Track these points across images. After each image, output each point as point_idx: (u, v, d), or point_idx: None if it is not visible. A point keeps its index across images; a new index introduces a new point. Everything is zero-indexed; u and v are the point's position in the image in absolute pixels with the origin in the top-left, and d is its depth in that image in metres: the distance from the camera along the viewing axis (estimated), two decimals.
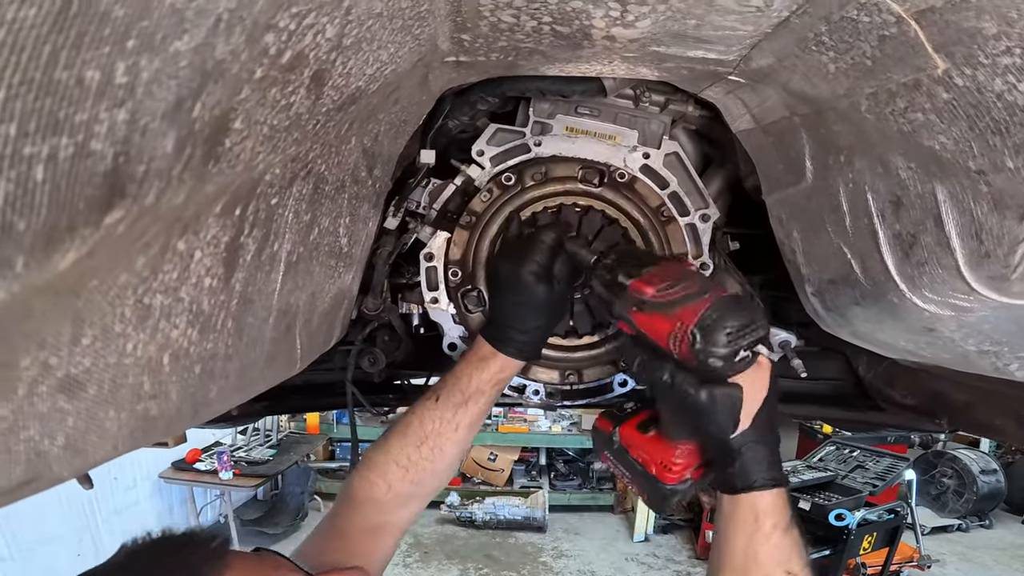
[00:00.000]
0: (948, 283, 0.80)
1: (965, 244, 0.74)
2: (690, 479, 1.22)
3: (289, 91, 0.55)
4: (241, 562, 0.81)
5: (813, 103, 0.94)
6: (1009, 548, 7.34)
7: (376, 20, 0.66)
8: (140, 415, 0.52)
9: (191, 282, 0.54)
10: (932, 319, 0.91)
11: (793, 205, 1.16)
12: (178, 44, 0.33)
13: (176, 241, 0.49)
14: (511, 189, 1.35)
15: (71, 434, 0.43)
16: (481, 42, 0.94)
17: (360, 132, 0.92)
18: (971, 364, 1.00)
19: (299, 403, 1.65)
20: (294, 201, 0.72)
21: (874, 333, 1.09)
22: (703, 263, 1.41)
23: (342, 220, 0.95)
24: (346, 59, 0.64)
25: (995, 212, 0.69)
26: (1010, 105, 0.61)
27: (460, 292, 1.37)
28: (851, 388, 1.61)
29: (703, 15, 0.80)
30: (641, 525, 7.29)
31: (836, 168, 0.98)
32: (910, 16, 0.63)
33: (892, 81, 0.73)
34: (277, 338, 0.82)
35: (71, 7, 0.26)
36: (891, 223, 0.88)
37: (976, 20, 0.58)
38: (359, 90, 0.73)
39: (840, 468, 6.01)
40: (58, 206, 0.29)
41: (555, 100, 1.36)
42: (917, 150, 0.76)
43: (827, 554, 5.28)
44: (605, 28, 0.86)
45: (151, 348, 0.50)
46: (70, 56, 0.27)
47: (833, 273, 1.08)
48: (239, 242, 0.61)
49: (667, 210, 1.37)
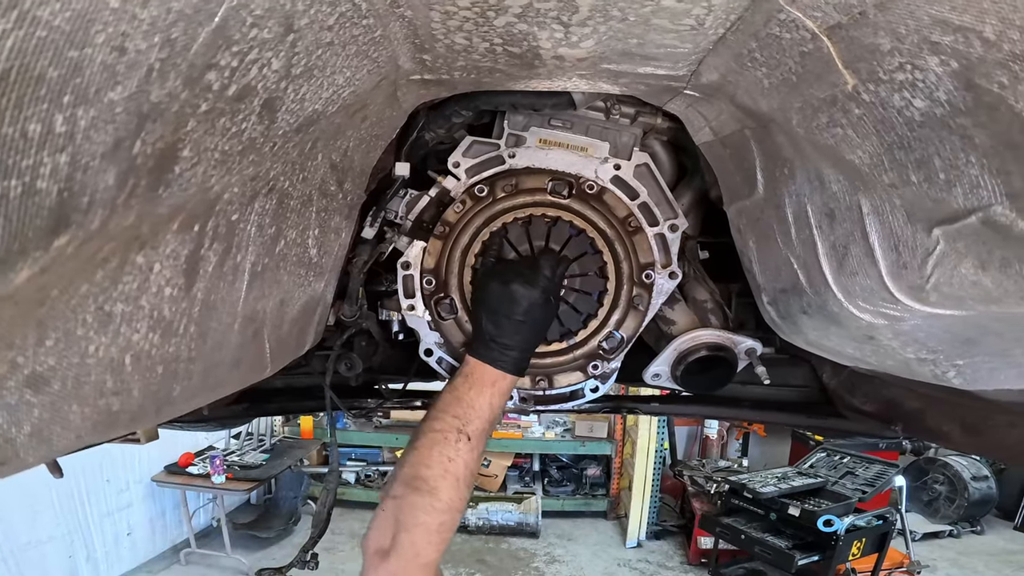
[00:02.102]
0: (876, 293, 0.84)
1: (886, 255, 0.79)
2: None
3: (240, 119, 0.60)
4: None
5: (757, 117, 0.99)
6: (1000, 554, 7.37)
7: (327, 49, 0.71)
8: (103, 409, 0.57)
9: (151, 291, 0.59)
10: (870, 328, 0.96)
11: (749, 216, 1.21)
12: (112, 95, 0.39)
13: (135, 255, 0.54)
14: (483, 200, 1.39)
15: (37, 424, 0.48)
16: (441, 61, 0.99)
17: (327, 149, 0.97)
18: (913, 372, 1.05)
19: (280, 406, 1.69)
20: (256, 216, 0.77)
21: (822, 341, 1.14)
22: (671, 272, 1.44)
23: (311, 232, 1.00)
24: (298, 87, 0.69)
25: (909, 224, 0.74)
26: (909, 120, 0.65)
27: (434, 300, 1.41)
28: (817, 395, 1.66)
29: (643, 34, 0.85)
30: (634, 531, 7.31)
31: (782, 180, 1.03)
32: (822, 32, 0.68)
33: (814, 96, 0.78)
34: (244, 343, 0.87)
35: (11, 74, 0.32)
36: (827, 234, 0.92)
37: (874, 36, 0.62)
38: (317, 112, 0.78)
39: (830, 474, 6.05)
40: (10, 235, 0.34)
41: (528, 113, 1.41)
42: (842, 164, 0.81)
43: (816, 560, 5.32)
44: (552, 48, 0.91)
45: (112, 350, 0.55)
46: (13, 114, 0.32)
47: (784, 283, 1.13)
48: (199, 255, 0.66)
49: (634, 220, 1.41)
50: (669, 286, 1.44)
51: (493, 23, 0.83)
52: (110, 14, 0.37)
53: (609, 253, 1.41)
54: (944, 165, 0.62)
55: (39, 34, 0.33)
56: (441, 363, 1.48)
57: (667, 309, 1.52)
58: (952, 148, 0.61)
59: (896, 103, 0.66)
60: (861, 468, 6.05)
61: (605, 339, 1.46)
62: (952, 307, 0.74)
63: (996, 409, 1.19)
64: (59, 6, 0.34)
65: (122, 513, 5.85)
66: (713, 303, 1.58)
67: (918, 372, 1.04)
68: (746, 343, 1.50)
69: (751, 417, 1.74)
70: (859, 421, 1.56)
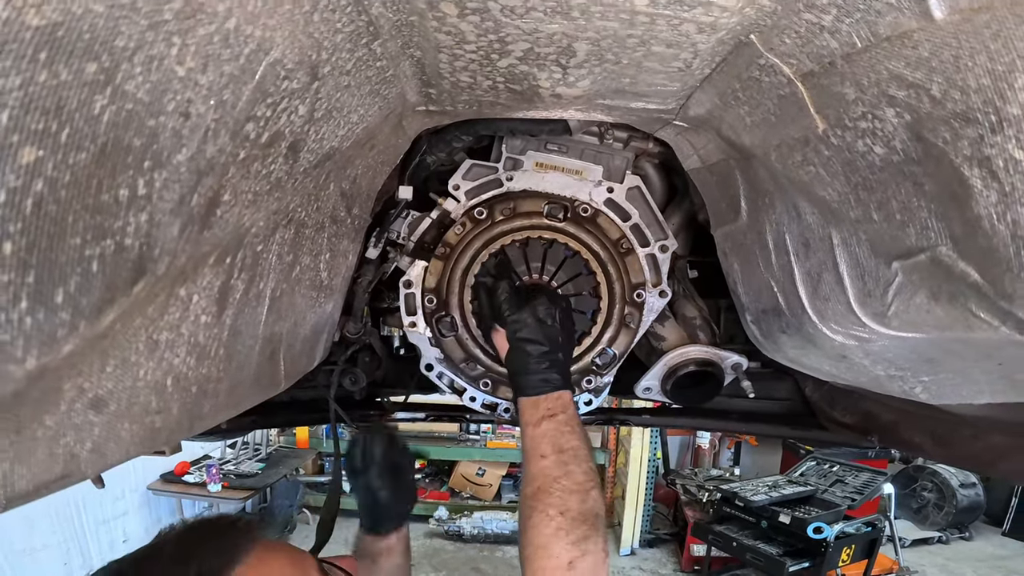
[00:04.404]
0: (846, 317, 0.91)
1: (854, 283, 0.86)
2: None
3: (269, 162, 0.66)
4: (266, 541, 0.91)
5: (741, 150, 1.06)
6: (989, 559, 7.43)
7: (344, 91, 0.78)
8: (148, 427, 0.63)
9: (190, 320, 0.65)
10: (842, 347, 1.02)
11: (734, 240, 1.28)
12: (179, 156, 0.45)
13: (179, 289, 0.60)
14: (482, 223, 1.46)
15: (96, 441, 0.54)
16: (446, 95, 1.05)
17: (338, 179, 1.04)
18: (884, 387, 1.12)
19: (286, 418, 1.75)
20: (277, 246, 0.83)
21: (801, 358, 1.20)
22: (662, 291, 1.51)
23: (322, 256, 1.06)
24: (318, 128, 0.76)
25: (872, 257, 0.81)
26: (871, 164, 0.72)
27: (435, 318, 1.47)
28: (800, 408, 1.72)
29: (635, 75, 0.91)
30: (627, 539, 7.35)
31: (763, 209, 1.10)
32: (797, 78, 0.75)
33: (790, 136, 0.84)
34: (262, 362, 0.93)
35: (107, 146, 0.38)
36: (803, 262, 0.99)
37: (840, 86, 0.69)
38: (333, 148, 0.85)
39: (820, 482, 6.13)
40: (104, 286, 0.40)
41: (526, 138, 1.47)
42: (815, 199, 0.88)
43: (806, 566, 5.38)
44: (551, 88, 0.98)
45: (158, 373, 0.62)
46: (109, 182, 0.38)
47: (765, 304, 1.19)
48: (229, 284, 0.72)
49: (626, 242, 1.48)
50: (659, 304, 1.51)
51: (496, 64, 0.88)
52: (178, 83, 0.43)
53: (602, 274, 1.48)
54: (900, 207, 0.69)
55: (127, 107, 0.39)
56: (442, 377, 1.55)
57: (657, 326, 1.59)
58: (906, 192, 0.67)
59: (860, 148, 0.72)
60: (850, 476, 6.13)
61: (598, 355, 1.52)
62: (912, 331, 0.80)
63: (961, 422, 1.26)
64: (141, 79, 0.40)
65: (118, 521, 5.85)
66: (701, 320, 1.65)
67: (889, 388, 1.11)
68: (732, 358, 1.57)
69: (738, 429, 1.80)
70: (839, 432, 1.62)
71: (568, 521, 1.10)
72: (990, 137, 0.51)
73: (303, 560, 0.95)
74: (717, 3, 0.63)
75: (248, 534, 0.90)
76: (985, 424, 1.24)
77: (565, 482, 1.15)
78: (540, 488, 1.15)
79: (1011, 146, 0.50)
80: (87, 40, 0.33)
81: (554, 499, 1.12)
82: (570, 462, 1.18)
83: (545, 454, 1.19)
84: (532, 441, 1.22)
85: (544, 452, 1.19)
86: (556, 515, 1.11)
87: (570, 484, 1.15)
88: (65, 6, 0.31)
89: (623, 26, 0.71)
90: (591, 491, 1.15)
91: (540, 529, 1.10)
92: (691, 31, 0.71)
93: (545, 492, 1.14)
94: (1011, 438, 1.24)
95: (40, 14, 0.30)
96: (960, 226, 0.59)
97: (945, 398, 1.04)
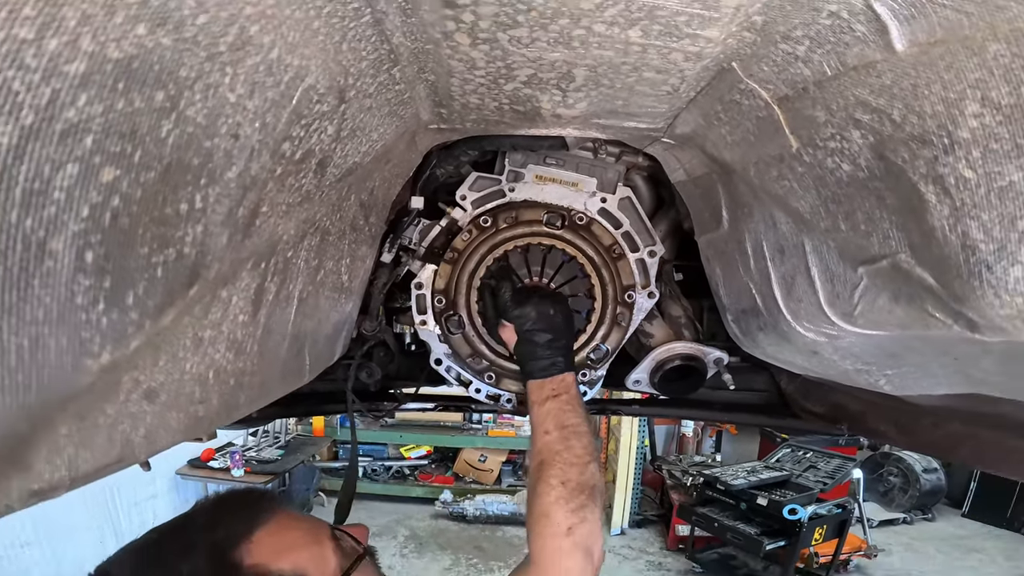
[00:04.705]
0: (817, 316, 0.93)
1: (824, 286, 0.88)
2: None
3: (300, 176, 0.68)
4: (286, 511, 0.95)
5: (722, 165, 1.07)
6: (950, 539, 7.46)
7: (366, 113, 0.80)
8: (192, 415, 0.65)
9: (229, 319, 0.67)
10: (814, 344, 1.04)
11: (716, 247, 1.30)
12: (229, 174, 0.47)
13: (221, 291, 0.62)
14: (487, 230, 1.48)
15: (148, 428, 0.56)
16: (456, 115, 1.07)
17: (358, 190, 1.05)
18: (852, 380, 1.14)
19: (306, 408, 1.76)
20: (305, 252, 0.85)
21: (777, 354, 1.22)
22: (650, 292, 1.53)
23: (344, 261, 1.08)
24: (344, 146, 0.78)
25: (841, 262, 0.82)
26: (839, 180, 0.74)
27: (444, 317, 1.49)
28: (776, 399, 1.74)
29: (627, 97, 0.93)
30: (617, 520, 7.36)
31: (743, 219, 1.11)
32: (774, 101, 0.76)
33: (767, 154, 0.86)
34: (290, 357, 0.95)
35: (169, 168, 0.40)
36: (779, 266, 1.01)
37: (812, 109, 0.70)
38: (355, 163, 0.87)
39: (795, 468, 6.14)
40: (167, 291, 0.42)
41: (527, 152, 1.49)
42: (790, 210, 0.90)
43: (782, 544, 5.40)
44: (551, 109, 1.00)
45: (201, 367, 0.63)
46: (173, 197, 0.40)
47: (744, 305, 1.21)
48: (264, 287, 0.74)
49: (618, 248, 1.50)
50: (648, 304, 1.53)
51: (503, 87, 0.90)
52: (230, 108, 0.45)
53: (596, 277, 1.50)
54: (865, 218, 0.71)
55: (188, 130, 0.41)
56: (449, 371, 1.56)
57: (646, 324, 1.61)
58: (870, 205, 0.69)
59: (829, 165, 0.74)
60: (822, 462, 6.15)
61: (592, 351, 1.54)
62: (876, 329, 0.82)
63: (923, 412, 1.28)
64: (199, 105, 0.42)
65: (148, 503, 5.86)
66: (686, 318, 1.67)
67: (856, 380, 1.13)
68: (714, 354, 1.59)
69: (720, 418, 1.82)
70: (811, 421, 1.64)
71: (568, 491, 1.13)
72: (943, 157, 0.53)
73: (317, 527, 0.98)
74: (703, 35, 0.65)
75: (270, 504, 0.94)
76: (944, 413, 1.26)
77: (566, 455, 1.18)
78: (544, 461, 1.18)
79: (961, 165, 0.52)
80: (156, 71, 0.35)
81: (556, 470, 1.15)
82: (571, 437, 1.21)
83: (549, 430, 1.22)
84: (538, 418, 1.25)
85: (548, 428, 1.22)
86: (557, 485, 1.13)
87: (570, 457, 1.18)
88: (139, 40, 0.33)
89: (618, 54, 0.73)
90: (589, 464, 1.18)
91: (543, 498, 1.13)
92: (679, 59, 0.73)
93: (548, 464, 1.17)
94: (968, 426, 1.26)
95: (119, 48, 0.32)
96: (918, 236, 0.61)
97: (907, 390, 1.06)
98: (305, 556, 0.89)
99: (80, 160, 0.31)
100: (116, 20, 0.31)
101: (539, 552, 1.10)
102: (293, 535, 0.91)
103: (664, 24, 0.63)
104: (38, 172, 0.29)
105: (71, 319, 0.34)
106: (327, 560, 0.92)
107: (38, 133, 0.29)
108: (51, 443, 0.44)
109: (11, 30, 0.26)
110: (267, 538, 0.87)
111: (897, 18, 0.51)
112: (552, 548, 1.09)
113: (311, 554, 0.90)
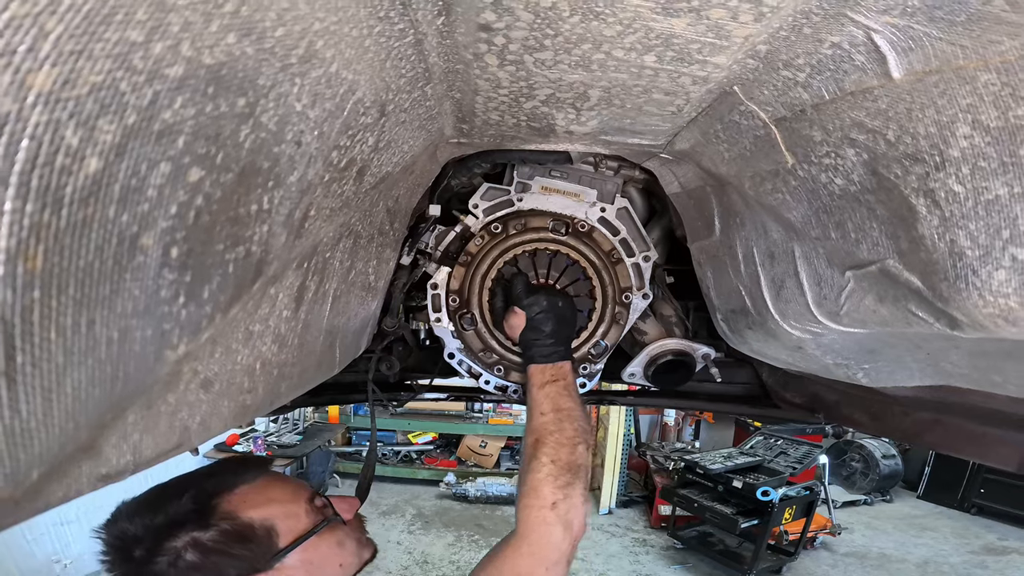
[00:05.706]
0: (804, 316, 0.93)
1: (812, 289, 0.88)
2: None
3: (342, 184, 0.68)
4: (276, 474, 1.03)
5: (717, 178, 1.07)
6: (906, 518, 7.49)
7: (401, 126, 0.79)
8: (241, 404, 0.64)
9: (275, 314, 0.66)
10: (799, 340, 1.04)
11: (707, 252, 1.29)
12: (291, 178, 0.47)
13: (270, 288, 0.61)
14: (498, 236, 1.48)
15: (203, 416, 0.55)
16: (476, 130, 1.06)
17: (386, 198, 1.05)
18: (831, 373, 1.14)
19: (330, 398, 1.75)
20: (340, 253, 0.85)
21: (763, 350, 1.22)
22: (645, 294, 1.53)
23: (371, 263, 1.07)
24: (380, 156, 0.77)
25: (829, 267, 0.82)
26: (831, 193, 0.73)
27: (457, 315, 1.49)
28: (757, 390, 1.74)
29: (635, 116, 0.92)
30: (605, 500, 7.36)
31: (735, 227, 1.11)
32: (771, 122, 0.76)
33: (762, 169, 0.85)
34: (324, 350, 0.94)
35: (244, 171, 0.39)
36: (769, 270, 1.01)
37: (809, 129, 0.70)
38: (387, 173, 0.86)
39: (767, 454, 6.15)
40: (236, 286, 0.42)
41: (534, 165, 1.50)
42: (781, 219, 0.90)
43: (755, 523, 5.40)
44: (565, 126, 0.99)
45: (250, 359, 0.63)
46: (245, 198, 0.40)
47: (734, 305, 1.21)
48: (305, 285, 0.73)
49: (617, 253, 1.50)
50: (642, 305, 1.53)
51: (523, 105, 0.89)
52: (296, 116, 0.45)
53: (597, 279, 1.50)
54: (855, 227, 0.71)
55: (261, 135, 0.41)
56: (461, 364, 1.56)
57: (640, 322, 1.61)
58: (861, 216, 0.69)
59: (823, 180, 0.73)
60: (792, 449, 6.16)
61: (593, 346, 1.54)
62: (859, 327, 0.82)
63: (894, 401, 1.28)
64: (272, 112, 0.41)
65: None
66: (676, 317, 1.67)
67: (835, 373, 1.13)
68: (702, 349, 1.59)
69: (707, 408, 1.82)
70: (790, 411, 1.64)
71: (557, 469, 1.13)
72: (935, 174, 0.53)
73: (298, 488, 1.03)
74: (712, 61, 0.65)
75: (260, 466, 1.01)
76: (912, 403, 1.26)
77: (558, 436, 1.18)
78: (538, 439, 1.18)
79: (951, 181, 0.52)
80: (240, 78, 0.34)
81: (547, 449, 1.16)
82: (564, 420, 1.21)
83: (544, 412, 1.22)
84: (535, 400, 1.25)
85: (544, 410, 1.22)
86: (548, 462, 1.14)
87: (562, 438, 1.18)
88: (229, 48, 0.32)
89: (631, 77, 0.73)
90: (578, 446, 1.18)
91: (534, 473, 1.13)
92: (687, 83, 0.73)
93: (541, 443, 1.17)
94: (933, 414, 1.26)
95: (212, 54, 0.31)
96: (906, 243, 0.61)
97: (882, 382, 1.06)
98: (278, 511, 0.95)
99: (172, 160, 0.31)
100: (212, 28, 0.30)
101: (524, 521, 1.10)
102: (272, 493, 0.97)
103: (677, 51, 0.63)
104: (136, 170, 0.29)
105: (156, 312, 0.34)
106: (299, 518, 0.97)
107: (138, 132, 0.28)
108: (120, 430, 0.44)
109: (124, 32, 0.25)
110: (248, 491, 0.95)
111: (896, 49, 0.51)
112: (536, 519, 1.09)
113: (285, 511, 0.96)
